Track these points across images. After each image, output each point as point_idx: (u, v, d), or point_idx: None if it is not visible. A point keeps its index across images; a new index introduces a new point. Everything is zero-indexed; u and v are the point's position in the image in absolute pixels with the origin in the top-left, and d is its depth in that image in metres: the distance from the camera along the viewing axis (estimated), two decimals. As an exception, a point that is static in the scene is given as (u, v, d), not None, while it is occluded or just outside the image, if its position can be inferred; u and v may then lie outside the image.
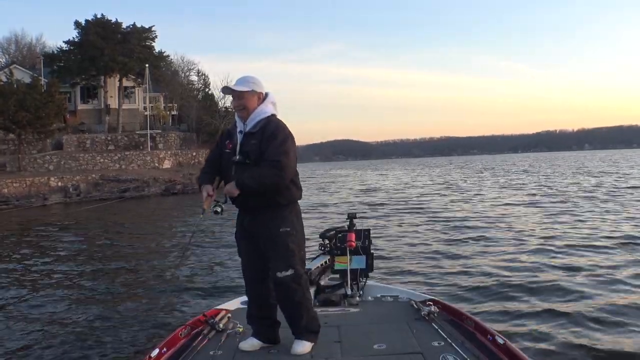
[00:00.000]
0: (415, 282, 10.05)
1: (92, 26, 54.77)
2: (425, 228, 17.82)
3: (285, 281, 4.55)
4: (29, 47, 80.00)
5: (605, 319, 7.58)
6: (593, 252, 12.35)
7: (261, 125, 4.62)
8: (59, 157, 47.06)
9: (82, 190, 41.90)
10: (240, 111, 4.71)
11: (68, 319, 8.72)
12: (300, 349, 4.57)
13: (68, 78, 55.16)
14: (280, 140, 4.54)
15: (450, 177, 54.20)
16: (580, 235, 14.79)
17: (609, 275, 10.08)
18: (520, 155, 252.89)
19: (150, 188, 44.21)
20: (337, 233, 6.91)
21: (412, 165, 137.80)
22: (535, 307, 8.21)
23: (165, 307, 9.16)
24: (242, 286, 4.59)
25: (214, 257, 13.84)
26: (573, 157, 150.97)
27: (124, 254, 15.79)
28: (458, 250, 13.38)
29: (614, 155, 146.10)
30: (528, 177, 49.53)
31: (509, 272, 10.67)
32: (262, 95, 4.77)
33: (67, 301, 10.03)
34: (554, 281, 9.78)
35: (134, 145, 53.28)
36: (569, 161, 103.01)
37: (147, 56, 56.99)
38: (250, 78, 4.75)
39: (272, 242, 4.60)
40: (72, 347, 7.32)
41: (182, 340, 4.92)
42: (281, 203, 4.64)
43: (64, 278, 12.23)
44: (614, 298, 8.58)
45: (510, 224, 17.77)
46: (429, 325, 5.05)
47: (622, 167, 62.60)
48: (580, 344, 6.66)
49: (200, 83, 74.73)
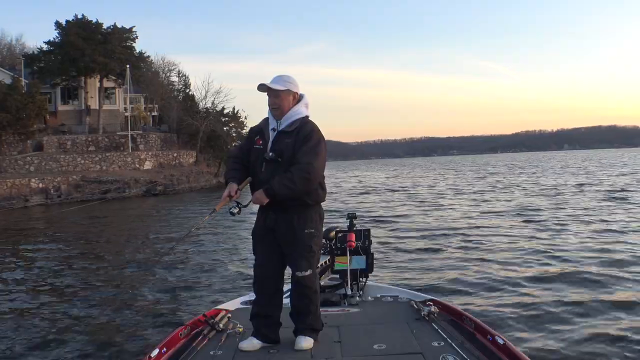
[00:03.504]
0: (415, 282, 10.03)
1: (73, 27, 54.28)
2: (427, 227, 17.79)
3: (303, 280, 4.65)
4: (8, 48, 79.41)
5: (606, 318, 7.59)
6: (598, 253, 12.19)
7: (296, 126, 4.66)
8: (39, 159, 46.68)
9: (63, 192, 41.79)
10: (274, 110, 4.73)
11: (67, 320, 8.71)
12: (304, 344, 4.62)
13: (48, 79, 54.69)
14: (315, 143, 4.61)
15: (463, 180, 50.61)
16: (584, 236, 14.64)
17: (611, 275, 10.07)
18: (501, 156, 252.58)
19: (131, 189, 44.07)
20: (337, 233, 6.88)
21: (393, 165, 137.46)
22: (535, 308, 8.20)
23: (165, 307, 9.16)
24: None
25: (214, 257, 13.85)
26: (559, 157, 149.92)
27: (119, 255, 15.69)
28: (458, 250, 13.38)
29: (598, 154, 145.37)
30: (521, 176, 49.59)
31: (509, 272, 10.67)
32: (297, 96, 4.80)
33: (66, 302, 10.02)
34: (554, 281, 9.79)
35: (114, 146, 52.93)
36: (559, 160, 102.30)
37: (127, 57, 56.49)
38: (286, 77, 4.77)
39: (296, 242, 4.65)
40: (72, 348, 7.34)
41: (182, 340, 4.91)
42: (308, 203, 4.69)
43: (62, 278, 12.24)
44: (614, 299, 8.57)
45: (511, 224, 17.71)
46: (429, 325, 5.06)
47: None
48: (581, 344, 6.70)
49: (181, 84, 74.36)
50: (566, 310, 8.02)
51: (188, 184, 50.27)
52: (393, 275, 10.72)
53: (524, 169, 69.10)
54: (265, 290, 4.80)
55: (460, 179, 51.46)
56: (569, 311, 7.99)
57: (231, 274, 11.59)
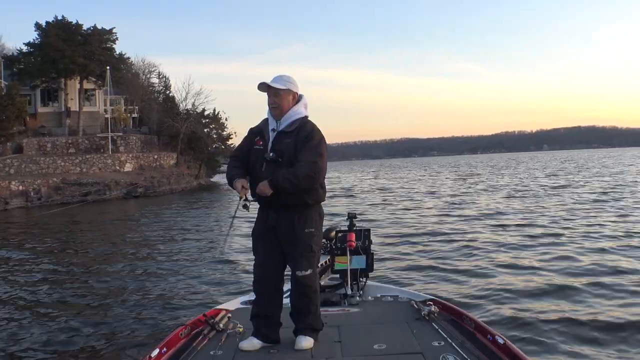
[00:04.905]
0: (415, 282, 10.04)
1: (53, 28, 54.07)
2: (427, 228, 17.77)
3: (303, 280, 4.66)
4: (-12, 50, 78.71)
5: (606, 319, 7.56)
6: (602, 254, 12.12)
7: (296, 126, 4.69)
8: (19, 161, 46.11)
9: (44, 194, 41.44)
10: (274, 109, 4.75)
11: (67, 320, 8.70)
12: (304, 344, 4.63)
13: (28, 80, 54.37)
14: (316, 143, 4.65)
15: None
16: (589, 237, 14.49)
17: (613, 275, 10.02)
18: (482, 157, 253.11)
19: (112, 191, 43.92)
20: (337, 233, 6.87)
21: (372, 167, 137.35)
22: (535, 308, 8.21)
23: (165, 307, 9.16)
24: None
25: (214, 257, 13.86)
26: (540, 156, 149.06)
27: (117, 255, 15.66)
28: (458, 250, 13.39)
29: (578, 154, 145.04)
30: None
31: (509, 272, 10.66)
32: (297, 96, 4.82)
33: (65, 302, 10.04)
34: (554, 281, 9.77)
35: (94, 148, 52.64)
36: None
37: (107, 58, 56.43)
38: (287, 77, 4.79)
39: (296, 241, 4.67)
40: (72, 348, 7.37)
41: (182, 340, 4.90)
42: (309, 203, 4.71)
43: (59, 279, 12.25)
44: (615, 299, 8.56)
45: (511, 224, 17.64)
46: (429, 325, 5.05)
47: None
48: (581, 344, 6.71)
49: (161, 85, 74.13)
50: (566, 310, 8.03)
51: (169, 186, 50.21)
52: (393, 275, 10.72)
53: (546, 170, 65.60)
54: (265, 290, 4.81)
55: (456, 180, 51.11)
56: (569, 311, 7.99)
57: (231, 273, 11.64)
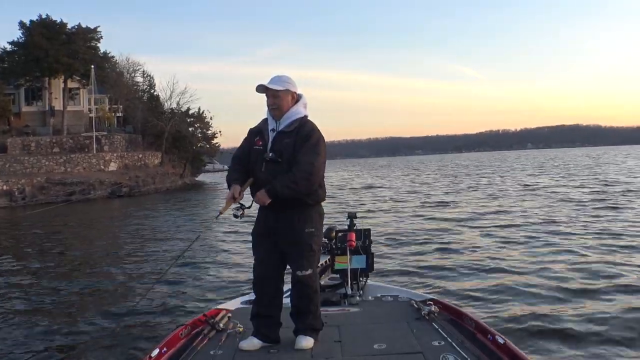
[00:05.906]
0: (415, 282, 10.03)
1: (37, 27, 53.84)
2: (426, 228, 17.74)
3: (303, 280, 4.68)
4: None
5: (607, 319, 7.52)
6: (604, 254, 12.01)
7: (296, 126, 4.71)
8: (3, 160, 45.90)
9: (28, 194, 41.41)
10: (273, 110, 4.76)
11: (67, 320, 8.71)
12: (305, 344, 4.64)
13: (12, 79, 54.27)
14: (314, 142, 4.67)
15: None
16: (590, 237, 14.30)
17: (613, 275, 9.99)
18: (466, 155, 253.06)
19: (97, 191, 43.83)
20: (337, 232, 6.86)
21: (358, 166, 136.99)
22: (536, 307, 8.18)
23: (165, 307, 9.14)
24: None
25: (214, 257, 13.88)
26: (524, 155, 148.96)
27: (113, 255, 15.65)
28: (458, 250, 13.34)
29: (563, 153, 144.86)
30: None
31: (509, 272, 10.62)
32: (296, 96, 4.84)
33: (66, 301, 10.06)
34: (555, 282, 9.71)
35: (79, 148, 52.38)
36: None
37: (92, 57, 56.20)
38: (285, 77, 4.81)
39: (296, 241, 4.68)
40: (72, 348, 7.37)
41: (182, 340, 4.89)
42: (308, 203, 4.72)
43: (58, 279, 12.25)
44: (616, 299, 8.55)
45: (511, 224, 17.47)
46: (429, 325, 5.05)
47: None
48: (581, 344, 6.71)
49: (146, 84, 73.96)
50: (566, 310, 8.03)
51: (154, 185, 50.14)
52: (393, 275, 10.72)
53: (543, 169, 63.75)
54: (265, 290, 4.82)
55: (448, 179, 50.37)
56: (570, 311, 8.00)
57: (231, 274, 11.65)
